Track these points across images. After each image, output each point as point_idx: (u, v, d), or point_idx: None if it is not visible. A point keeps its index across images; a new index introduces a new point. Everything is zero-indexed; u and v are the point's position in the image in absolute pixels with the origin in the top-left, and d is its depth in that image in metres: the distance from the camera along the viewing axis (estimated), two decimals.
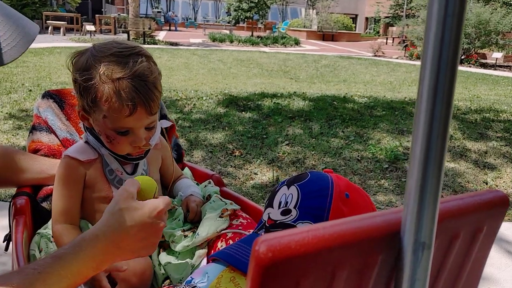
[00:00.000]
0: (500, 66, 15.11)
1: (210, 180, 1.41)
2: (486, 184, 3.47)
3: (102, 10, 26.61)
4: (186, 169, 1.50)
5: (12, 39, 0.76)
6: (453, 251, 0.54)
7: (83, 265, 0.79)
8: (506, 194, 0.57)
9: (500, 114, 5.46)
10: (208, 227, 1.15)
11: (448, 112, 0.41)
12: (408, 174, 0.44)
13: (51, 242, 1.12)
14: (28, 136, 1.44)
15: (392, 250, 0.47)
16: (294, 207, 0.91)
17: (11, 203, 1.22)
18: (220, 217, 1.18)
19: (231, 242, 1.14)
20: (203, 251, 1.16)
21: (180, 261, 1.13)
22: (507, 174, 3.63)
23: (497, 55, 14.93)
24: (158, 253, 1.18)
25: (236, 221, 1.22)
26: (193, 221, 1.22)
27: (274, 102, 5.37)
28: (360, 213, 0.49)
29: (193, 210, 1.21)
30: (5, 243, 1.24)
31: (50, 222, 1.20)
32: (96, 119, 1.05)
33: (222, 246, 1.14)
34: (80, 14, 20.49)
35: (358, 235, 0.44)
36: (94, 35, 17.78)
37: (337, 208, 0.87)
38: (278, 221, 0.92)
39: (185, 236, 1.15)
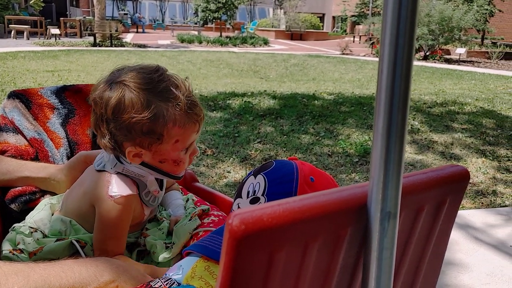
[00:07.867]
0: (464, 61, 15.56)
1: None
2: None
3: (67, 13, 26.03)
4: None
5: None
6: (419, 224, 0.56)
7: None
8: (467, 169, 0.60)
9: (464, 107, 5.63)
10: (180, 232, 1.16)
11: (407, 86, 0.43)
12: (372, 147, 0.46)
13: (29, 237, 1.10)
14: None
15: (360, 222, 0.48)
16: (262, 195, 0.93)
17: None
18: (189, 220, 1.19)
19: None
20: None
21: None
22: (473, 164, 3.75)
23: (460, 51, 15.36)
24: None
25: (208, 219, 1.22)
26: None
27: (245, 101, 5.38)
28: None
29: None
30: None
31: (28, 218, 1.17)
32: (162, 149, 1.02)
33: None
34: (44, 18, 19.98)
35: (327, 208, 0.45)
36: (59, 39, 17.38)
37: (303, 192, 0.90)
38: None
39: (167, 247, 1.15)
